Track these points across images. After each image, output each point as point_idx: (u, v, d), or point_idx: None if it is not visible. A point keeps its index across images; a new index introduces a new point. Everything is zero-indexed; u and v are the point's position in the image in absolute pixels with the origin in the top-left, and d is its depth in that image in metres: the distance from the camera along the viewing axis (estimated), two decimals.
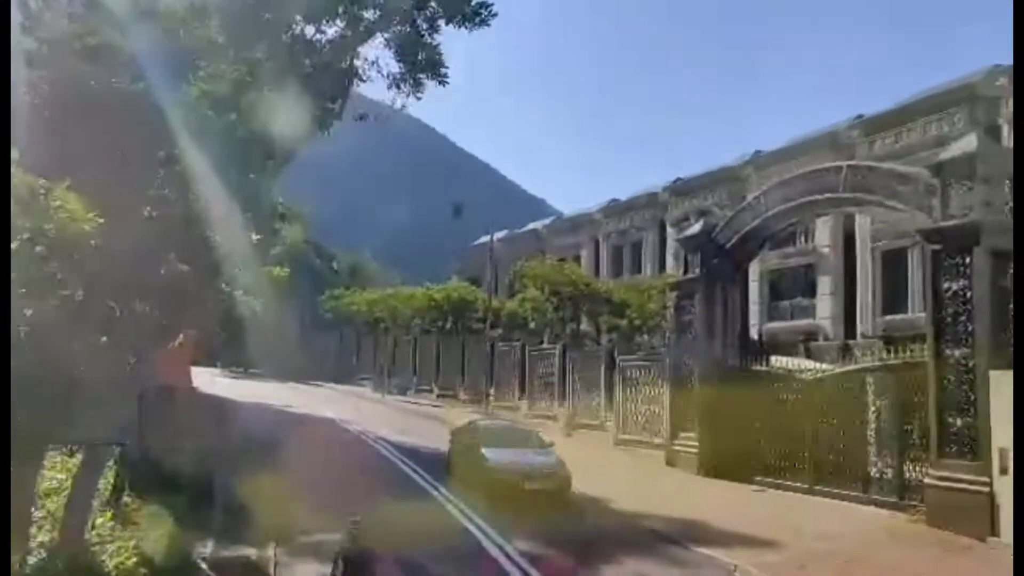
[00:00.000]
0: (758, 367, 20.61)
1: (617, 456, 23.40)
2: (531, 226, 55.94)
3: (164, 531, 10.73)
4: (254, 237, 13.78)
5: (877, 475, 16.21)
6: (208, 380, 50.02)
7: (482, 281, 51.17)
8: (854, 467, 16.66)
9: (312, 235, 70.98)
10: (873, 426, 16.43)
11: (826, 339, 32.89)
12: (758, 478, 18.80)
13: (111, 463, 11.82)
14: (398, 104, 12.00)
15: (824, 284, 33.93)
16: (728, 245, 20.99)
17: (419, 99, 11.90)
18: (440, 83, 11.71)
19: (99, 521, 10.85)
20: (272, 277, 24.67)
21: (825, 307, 33.77)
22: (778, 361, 22.26)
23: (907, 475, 15.39)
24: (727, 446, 19.92)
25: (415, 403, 37.89)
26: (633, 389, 24.05)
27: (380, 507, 12.07)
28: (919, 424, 14.95)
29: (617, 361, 25.08)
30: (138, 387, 12.81)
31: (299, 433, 24.02)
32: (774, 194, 19.72)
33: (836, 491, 16.78)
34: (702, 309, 21.25)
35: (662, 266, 43.10)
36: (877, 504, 15.74)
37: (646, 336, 28.98)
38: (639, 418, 23.72)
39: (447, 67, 11.64)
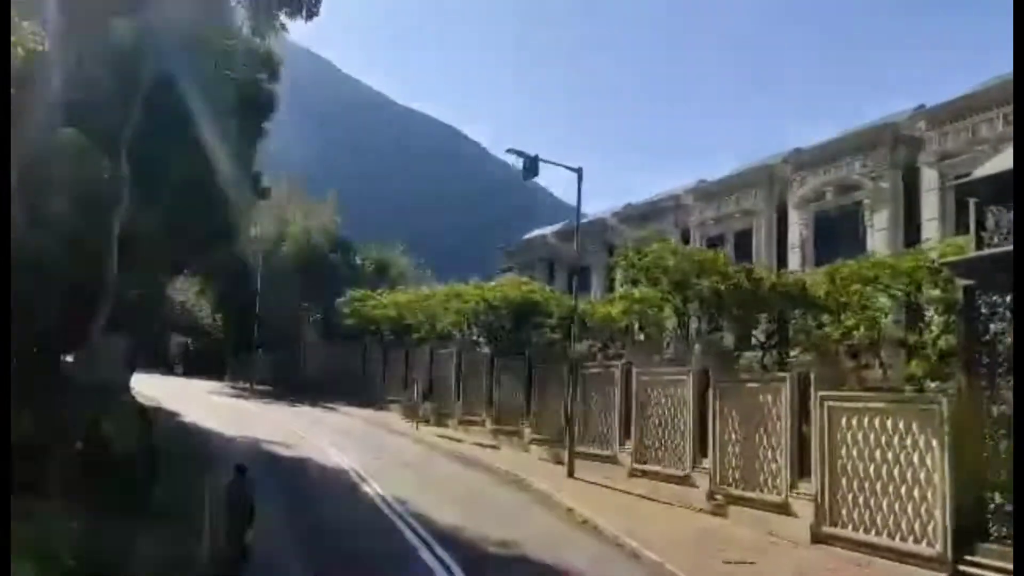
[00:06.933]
0: None
1: None
2: (595, 215, 46.05)
3: None
4: None
5: None
6: (197, 394, 40.94)
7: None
8: None
9: (336, 229, 61.71)
10: None
11: None
12: None
13: None
14: None
15: None
16: None
17: None
18: None
19: None
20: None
21: None
22: None
23: None
24: None
25: (460, 440, 28.12)
26: (859, 446, 13.96)
27: None
28: None
29: (818, 397, 15.03)
30: None
31: (279, 499, 14.35)
32: None
33: None
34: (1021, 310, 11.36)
35: (781, 259, 32.93)
36: None
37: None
38: (883, 500, 13.59)
39: None
